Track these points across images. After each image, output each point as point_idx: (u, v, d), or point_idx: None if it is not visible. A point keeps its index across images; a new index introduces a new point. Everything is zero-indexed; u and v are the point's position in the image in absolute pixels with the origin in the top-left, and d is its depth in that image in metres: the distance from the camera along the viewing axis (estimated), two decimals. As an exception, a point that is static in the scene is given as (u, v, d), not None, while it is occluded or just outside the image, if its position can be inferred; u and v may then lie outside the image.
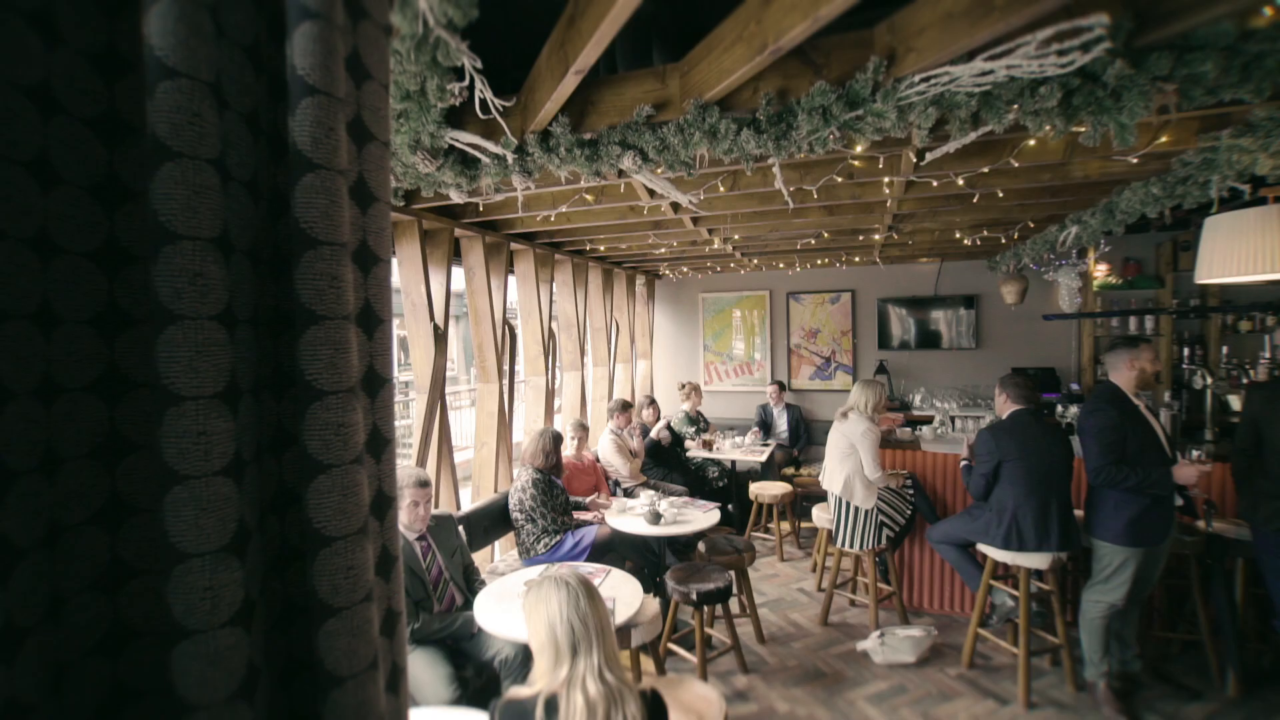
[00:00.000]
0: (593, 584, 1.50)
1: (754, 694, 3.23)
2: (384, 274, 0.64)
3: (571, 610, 1.41)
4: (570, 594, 1.44)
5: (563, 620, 1.40)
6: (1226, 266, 1.95)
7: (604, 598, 2.66)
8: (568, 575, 1.51)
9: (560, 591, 1.45)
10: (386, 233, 0.65)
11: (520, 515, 3.71)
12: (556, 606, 1.42)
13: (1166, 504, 2.81)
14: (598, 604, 1.45)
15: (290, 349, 0.53)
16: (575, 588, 1.45)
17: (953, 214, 3.78)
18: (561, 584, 1.47)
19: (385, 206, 0.65)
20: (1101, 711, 2.99)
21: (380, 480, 0.63)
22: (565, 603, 1.42)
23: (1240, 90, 1.52)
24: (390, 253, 0.67)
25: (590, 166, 2.08)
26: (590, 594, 1.45)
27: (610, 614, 2.50)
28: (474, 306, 4.02)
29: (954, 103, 1.65)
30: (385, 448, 0.64)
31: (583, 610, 1.41)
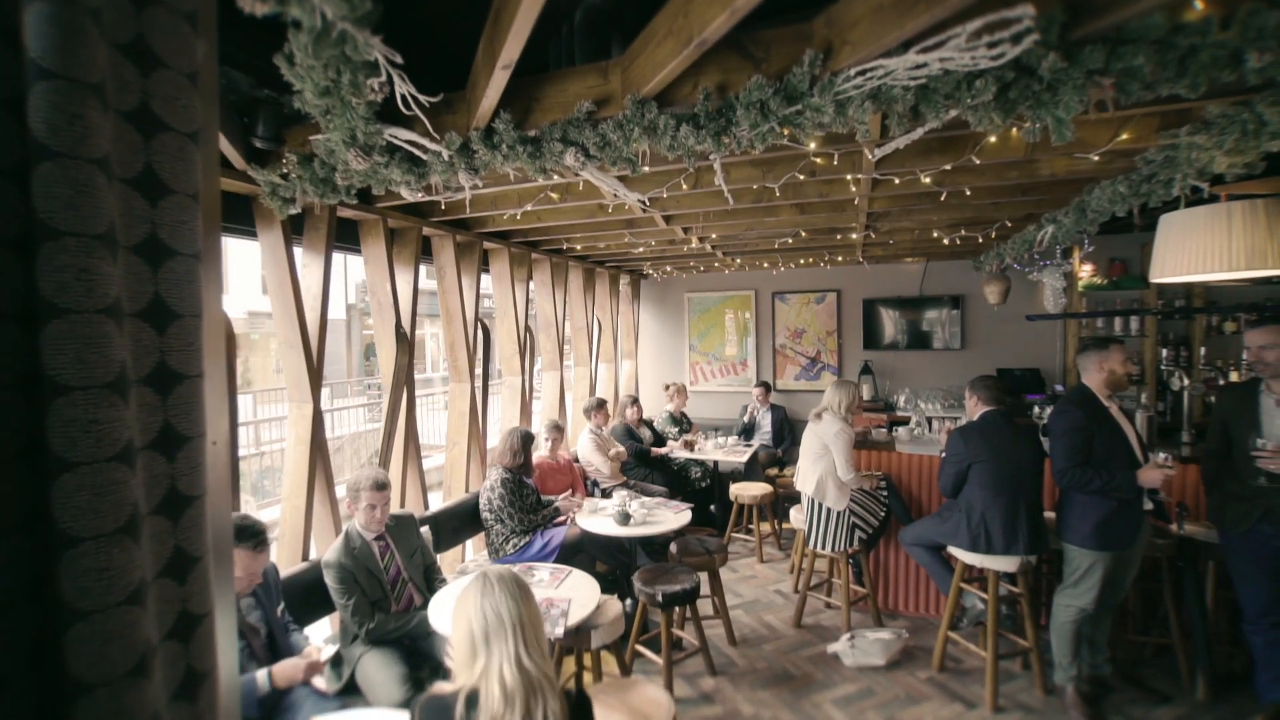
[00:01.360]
0: (520, 580, 1.47)
1: (720, 696, 3.20)
2: (184, 269, 0.62)
3: (486, 602, 1.39)
4: (486, 586, 1.42)
5: (477, 612, 1.38)
6: (1179, 265, 1.92)
7: (559, 598, 2.65)
8: (492, 571, 1.48)
9: (477, 585, 1.43)
10: (189, 225, 0.63)
11: (489, 515, 3.68)
12: (473, 600, 1.40)
13: (1134, 508, 2.77)
14: (518, 597, 1.42)
15: (36, 343, 0.50)
16: (493, 581, 1.43)
17: (926, 213, 3.74)
18: (480, 578, 1.45)
19: (186, 200, 0.62)
20: (1069, 715, 2.95)
21: (175, 479, 0.60)
22: (480, 595, 1.40)
23: (1176, 85, 1.49)
24: (198, 246, 0.64)
25: (534, 164, 2.06)
26: (509, 587, 1.42)
27: (559, 611, 2.48)
28: (445, 305, 3.99)
29: (891, 96, 1.62)
30: (182, 445, 0.61)
31: (496, 601, 1.39)
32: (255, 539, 2.15)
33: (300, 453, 2.85)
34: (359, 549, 2.67)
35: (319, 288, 2.94)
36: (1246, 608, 2.71)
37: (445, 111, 2.17)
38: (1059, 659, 3.02)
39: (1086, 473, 2.72)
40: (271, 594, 2.38)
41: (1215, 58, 1.43)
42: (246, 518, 2.19)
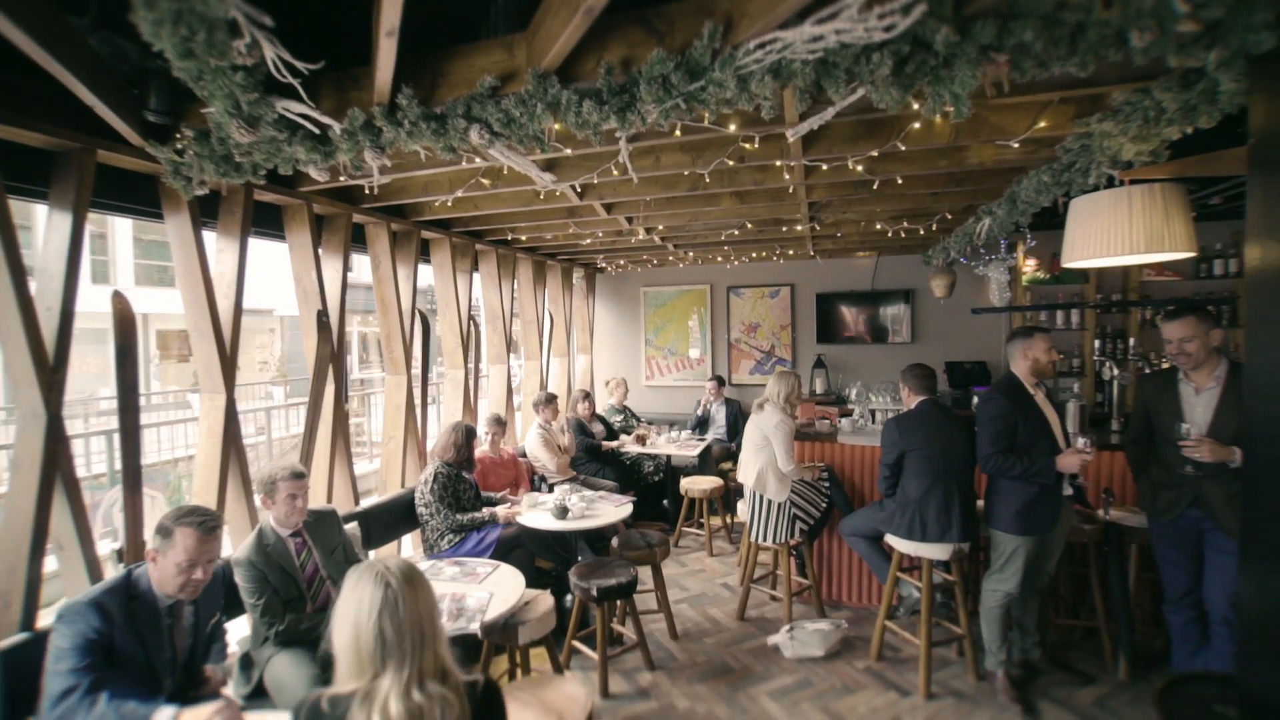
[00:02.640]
0: (422, 579, 1.31)
1: (656, 691, 3.15)
2: None
3: (384, 618, 1.21)
4: (387, 598, 1.23)
5: (371, 624, 1.21)
6: (1086, 249, 1.93)
7: (480, 593, 2.57)
8: (393, 569, 1.30)
9: (375, 592, 1.24)
10: None
11: (424, 510, 3.58)
12: (368, 607, 1.23)
13: (1054, 494, 2.80)
14: (423, 605, 1.27)
15: None
16: (396, 590, 1.25)
17: (866, 203, 3.76)
18: (381, 581, 1.26)
19: None
20: (998, 700, 2.98)
21: None
22: (377, 608, 1.22)
23: (1067, 63, 1.48)
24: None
25: (439, 141, 1.98)
26: (415, 595, 1.26)
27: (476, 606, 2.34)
28: (380, 296, 3.87)
29: (791, 71, 1.58)
30: None
31: (400, 617, 1.22)
32: (203, 519, 1.93)
33: (212, 446, 2.71)
34: (273, 546, 2.55)
35: (233, 274, 2.81)
36: (1168, 589, 2.77)
37: (351, 87, 2.08)
38: (989, 644, 3.04)
39: (1009, 459, 2.75)
40: (213, 600, 2.17)
41: (1102, 36, 1.43)
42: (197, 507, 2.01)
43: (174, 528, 1.91)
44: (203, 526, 1.93)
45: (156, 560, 1.93)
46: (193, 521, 1.92)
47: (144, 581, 1.97)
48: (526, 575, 3.56)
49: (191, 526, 1.91)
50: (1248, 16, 1.31)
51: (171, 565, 1.90)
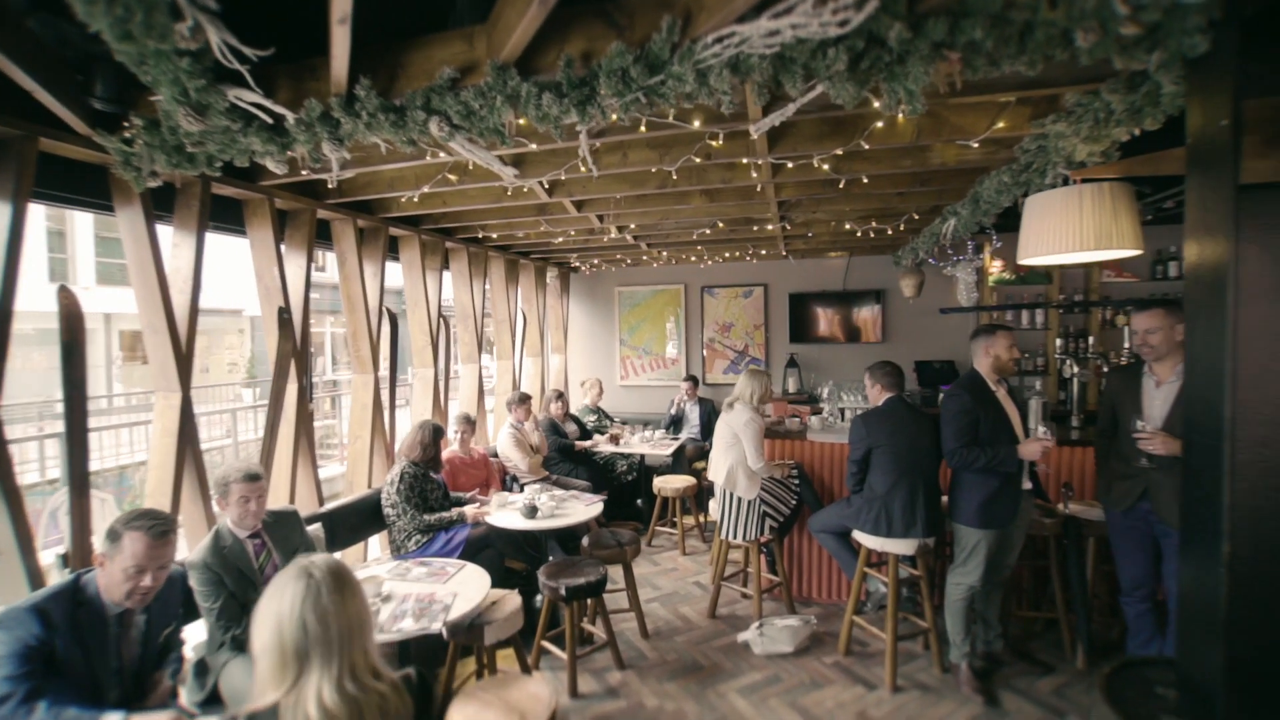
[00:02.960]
0: (349, 575, 1.28)
1: (626, 690, 3.14)
2: None
3: (307, 607, 1.18)
4: (310, 588, 1.20)
5: (293, 619, 1.18)
6: (1039, 246, 1.97)
7: (444, 593, 2.53)
8: (318, 564, 1.28)
9: (298, 584, 1.21)
10: None
11: (391, 511, 3.52)
12: (289, 602, 1.20)
13: (1014, 488, 2.86)
14: (349, 600, 1.24)
15: None
16: (319, 580, 1.22)
17: (835, 203, 3.80)
18: (302, 575, 1.23)
19: None
20: (961, 691, 3.02)
21: None
22: (300, 598, 1.19)
23: (1017, 62, 1.51)
24: None
25: (398, 134, 1.95)
26: (340, 588, 1.23)
27: (440, 606, 2.28)
28: (346, 293, 3.80)
29: (749, 66, 1.59)
30: None
31: (325, 606, 1.19)
32: (153, 523, 1.84)
33: (167, 446, 2.64)
34: (230, 548, 2.48)
35: (190, 269, 2.74)
36: (1123, 581, 2.84)
37: (309, 78, 2.05)
38: (953, 637, 3.09)
39: (973, 451, 2.79)
40: (168, 609, 2.10)
41: (1049, 36, 1.45)
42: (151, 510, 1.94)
43: (123, 532, 1.85)
44: (153, 531, 1.87)
45: (104, 566, 1.87)
46: (142, 526, 1.86)
47: (91, 588, 1.91)
48: (496, 576, 3.54)
49: (141, 531, 1.85)
50: (1182, 20, 1.35)
51: (119, 571, 1.84)
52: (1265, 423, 1.35)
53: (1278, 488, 1.34)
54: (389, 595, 2.45)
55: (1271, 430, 1.35)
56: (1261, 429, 1.35)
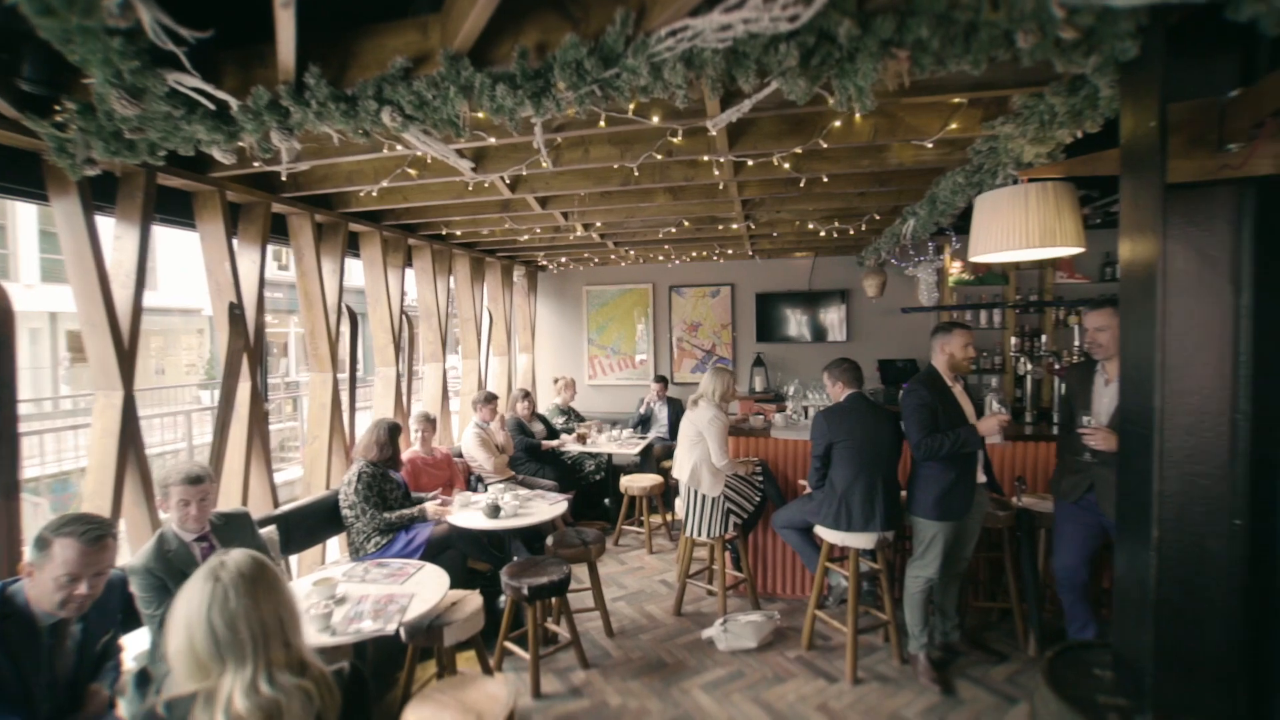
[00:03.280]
0: (265, 573, 1.24)
1: (589, 689, 3.12)
2: None
3: (214, 612, 1.14)
4: (216, 592, 1.16)
5: (201, 623, 1.14)
6: (989, 243, 2.03)
7: (401, 594, 2.48)
8: (228, 563, 1.23)
9: (205, 587, 1.17)
10: None
11: (350, 512, 3.44)
12: (197, 604, 1.15)
13: (969, 480, 2.93)
14: (263, 599, 1.20)
15: None
16: (227, 583, 1.18)
17: (797, 202, 3.84)
18: (210, 577, 1.19)
19: None
20: (919, 681, 3.09)
21: None
22: (206, 603, 1.15)
23: (963, 61, 1.55)
24: None
25: (350, 124, 1.90)
26: (251, 588, 1.19)
27: (396, 607, 2.23)
28: (304, 290, 3.71)
29: (703, 60, 1.60)
30: None
31: (233, 609, 1.15)
32: (86, 528, 1.75)
33: (107, 446, 2.53)
34: (175, 552, 2.39)
35: (133, 263, 2.63)
36: (1057, 569, 2.94)
37: (256, 64, 1.99)
38: (911, 629, 3.15)
39: (937, 438, 2.86)
40: (106, 616, 2.00)
41: (992, 37, 1.49)
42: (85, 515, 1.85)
43: (53, 539, 1.76)
44: (85, 537, 1.78)
45: (33, 575, 1.78)
46: (74, 531, 1.77)
47: (20, 598, 1.81)
48: (459, 577, 3.50)
49: (73, 537, 1.76)
50: (1114, 25, 1.40)
51: (49, 580, 1.75)
52: (1192, 411, 1.41)
53: (1203, 474, 1.39)
54: (344, 597, 2.40)
55: (1197, 419, 1.40)
56: (1188, 418, 1.40)
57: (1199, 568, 1.40)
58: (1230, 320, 1.38)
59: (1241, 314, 1.37)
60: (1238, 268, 1.37)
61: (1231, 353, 1.38)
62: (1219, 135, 1.31)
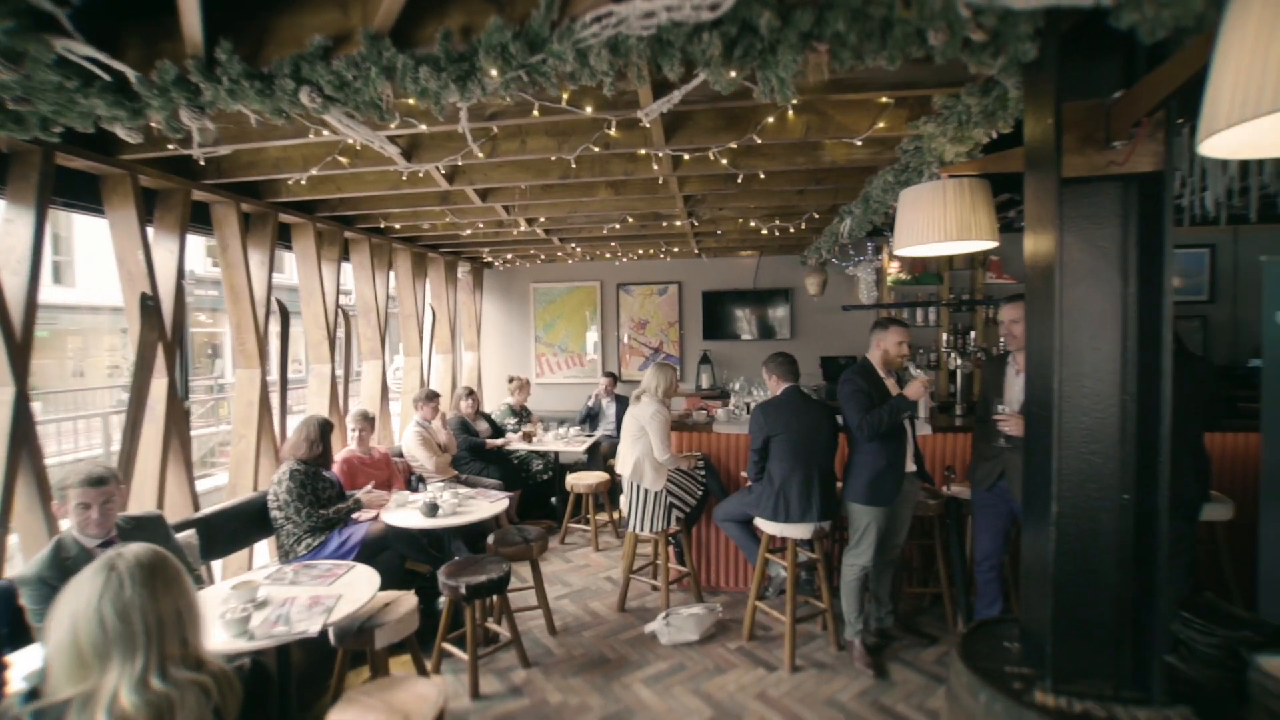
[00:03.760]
0: (164, 565, 1.19)
1: (530, 688, 3.08)
2: None
3: (105, 602, 1.09)
4: (111, 581, 1.11)
5: (90, 615, 1.08)
6: (911, 236, 2.11)
7: (328, 595, 2.39)
8: (125, 554, 1.18)
9: (98, 578, 1.12)
10: None
11: (279, 514, 3.30)
12: (86, 598, 1.10)
13: (899, 467, 3.04)
14: (161, 592, 1.15)
15: None
16: (123, 573, 1.13)
17: (738, 199, 3.90)
18: (105, 568, 1.14)
19: None
20: (855, 666, 3.17)
21: None
22: (98, 593, 1.10)
23: (879, 56, 1.59)
24: None
25: (266, 103, 1.82)
26: (149, 580, 1.14)
27: (321, 609, 2.13)
28: (229, 283, 3.54)
29: (628, 47, 1.59)
30: None
31: (127, 600, 1.10)
32: None
33: (-2, 447, 2.34)
34: (74, 559, 2.23)
35: (27, 249, 2.45)
36: (977, 552, 3.10)
37: (163, 37, 1.88)
38: (847, 616, 3.24)
39: (874, 414, 2.95)
40: None
41: (905, 33, 1.54)
42: None
43: None
44: None
45: None
46: None
47: None
48: (396, 579, 3.40)
49: None
50: (1015, 27, 1.47)
51: None
52: (1087, 394, 1.49)
53: (1096, 453, 1.48)
54: (265, 600, 2.29)
55: (1093, 400, 1.49)
56: (1084, 399, 1.49)
57: (1093, 541, 1.48)
58: (1119, 308, 1.47)
59: (1128, 302, 1.46)
60: (1125, 259, 1.46)
61: (1120, 339, 1.47)
62: (1106, 134, 1.40)
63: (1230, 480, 3.55)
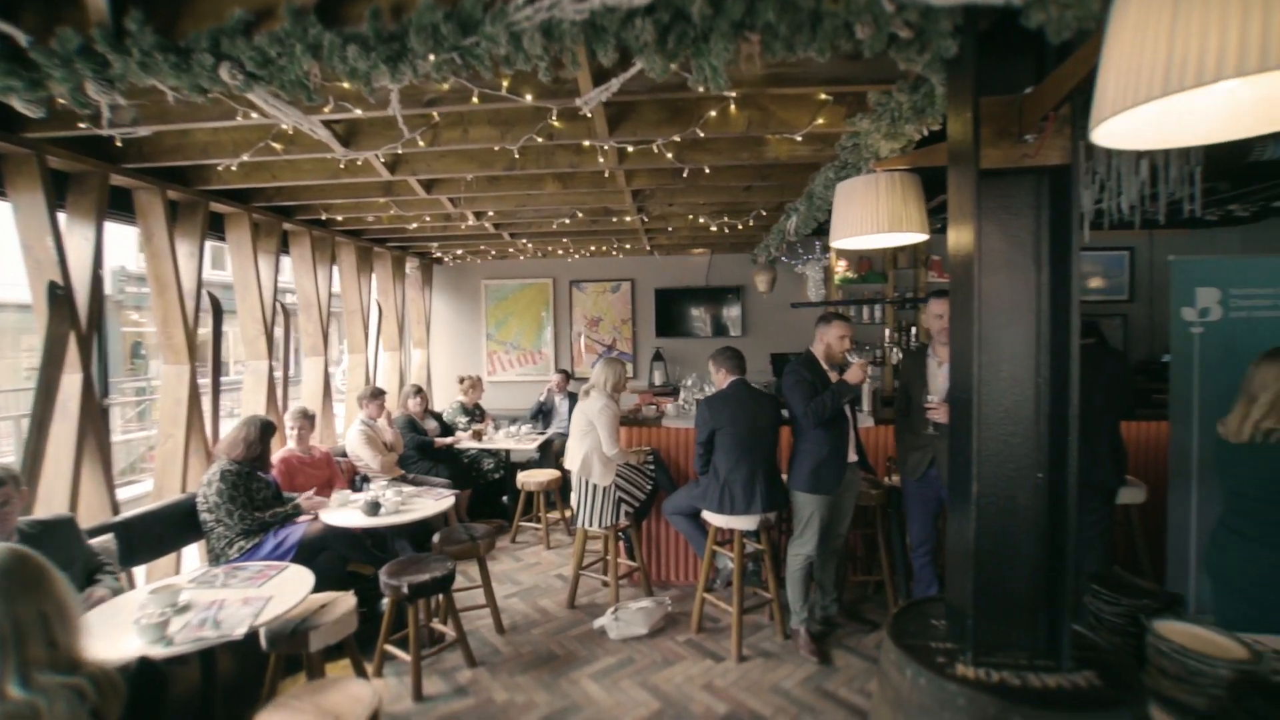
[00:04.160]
0: (26, 567, 1.13)
1: (475, 688, 3.03)
2: None
3: None
4: None
5: None
6: (846, 228, 2.16)
7: (257, 596, 2.29)
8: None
9: None
10: None
11: (209, 516, 3.15)
12: None
13: (841, 456, 3.12)
14: (21, 594, 1.09)
15: None
16: None
17: (686, 194, 3.93)
18: None
19: None
20: (800, 654, 3.23)
21: None
22: None
23: (810, 48, 1.63)
24: None
25: (183, 78, 1.73)
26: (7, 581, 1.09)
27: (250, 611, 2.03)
28: (155, 273, 3.36)
29: (561, 31, 1.58)
30: None
31: None
32: None
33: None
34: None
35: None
36: (913, 538, 3.22)
37: (65, 4, 1.77)
38: (793, 605, 3.30)
39: (819, 400, 3.01)
40: None
41: (834, 26, 1.58)
42: None
43: None
44: None
45: None
46: None
47: None
48: (337, 581, 3.28)
49: None
50: (937, 24, 1.52)
51: None
52: (1004, 379, 1.56)
53: (1014, 434, 1.54)
54: (187, 605, 2.17)
55: (1009, 385, 1.55)
56: (1002, 384, 1.55)
57: (1010, 519, 1.55)
58: (1034, 296, 1.54)
59: (1041, 290, 1.53)
60: (1039, 248, 1.53)
61: (1035, 324, 1.54)
62: (1019, 128, 1.46)
63: (1144, 466, 3.77)
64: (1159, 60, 0.83)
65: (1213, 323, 3.11)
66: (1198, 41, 0.80)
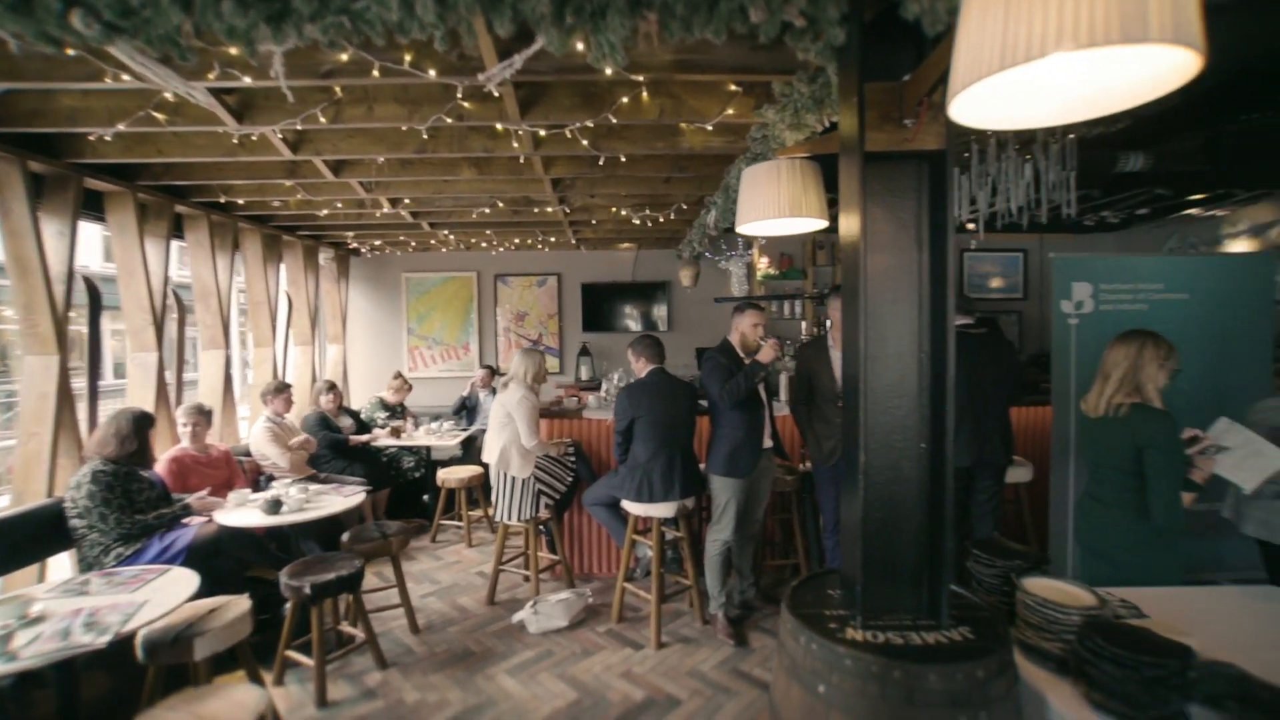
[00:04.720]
0: None
1: (385, 689, 2.90)
2: None
3: None
4: None
5: None
6: (749, 213, 2.22)
7: (129, 602, 2.10)
8: None
9: None
10: None
11: (80, 521, 2.87)
12: None
13: (756, 441, 3.19)
14: None
15: None
16: None
17: (606, 185, 3.92)
18: None
19: None
20: (718, 638, 3.28)
21: None
22: None
23: (707, 29, 1.66)
24: None
25: (26, 24, 1.56)
26: None
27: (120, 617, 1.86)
28: (14, 253, 3.03)
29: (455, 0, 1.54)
30: None
31: None
32: None
33: None
34: None
35: None
36: (826, 522, 3.32)
37: None
38: (711, 591, 3.35)
39: (734, 382, 3.07)
40: None
41: (730, 8, 1.61)
42: None
43: None
44: None
45: None
46: None
47: None
48: (235, 587, 3.06)
49: None
50: (825, 11, 1.58)
51: None
52: (890, 355, 1.63)
53: (898, 406, 1.62)
54: (42, 615, 1.97)
55: (894, 360, 1.63)
56: (888, 359, 1.63)
57: (897, 488, 1.62)
58: (916, 274, 1.62)
59: (923, 269, 1.61)
60: (920, 229, 1.61)
61: (917, 301, 1.62)
62: (900, 112, 1.54)
63: (1032, 447, 4.07)
64: (997, 39, 0.88)
65: (1087, 315, 3.39)
66: (1028, 22, 0.86)
